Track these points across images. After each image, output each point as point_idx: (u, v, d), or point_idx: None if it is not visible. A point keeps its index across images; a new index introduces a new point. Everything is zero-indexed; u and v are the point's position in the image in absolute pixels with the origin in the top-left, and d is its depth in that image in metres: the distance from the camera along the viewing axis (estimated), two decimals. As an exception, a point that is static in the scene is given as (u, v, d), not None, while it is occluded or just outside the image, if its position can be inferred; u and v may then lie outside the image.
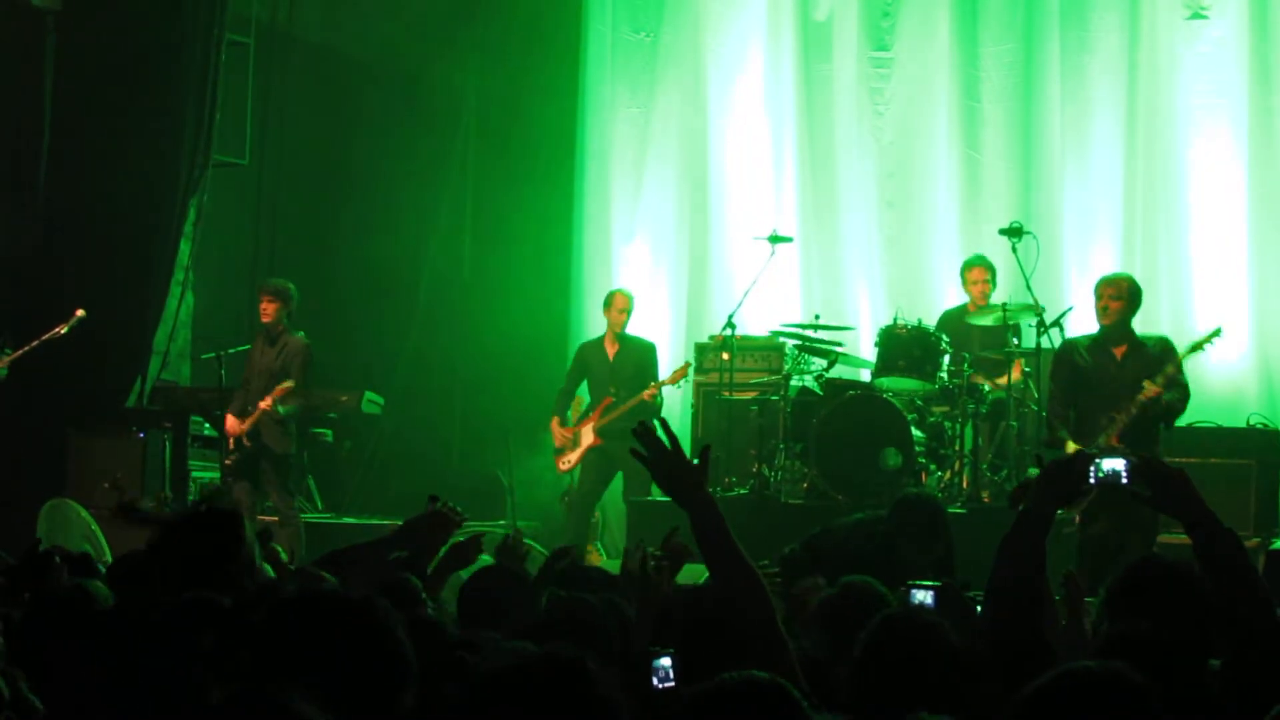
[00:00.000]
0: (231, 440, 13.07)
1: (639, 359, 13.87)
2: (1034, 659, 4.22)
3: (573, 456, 13.83)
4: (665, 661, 4.33)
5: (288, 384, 12.94)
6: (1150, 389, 10.38)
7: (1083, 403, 10.77)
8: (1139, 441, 10.15)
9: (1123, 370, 10.63)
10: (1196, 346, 11.02)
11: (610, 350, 13.90)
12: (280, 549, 7.18)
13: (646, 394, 13.41)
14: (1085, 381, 10.77)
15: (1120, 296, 10.74)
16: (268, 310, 13.11)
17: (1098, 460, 4.60)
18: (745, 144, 15.62)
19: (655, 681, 4.29)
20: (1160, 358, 10.67)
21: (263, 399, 12.93)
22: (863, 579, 5.45)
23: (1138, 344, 10.76)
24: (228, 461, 13.13)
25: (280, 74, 16.06)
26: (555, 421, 14.01)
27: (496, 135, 16.44)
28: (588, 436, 13.75)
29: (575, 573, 6.49)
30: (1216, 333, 11.07)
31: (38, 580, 6.02)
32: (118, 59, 14.42)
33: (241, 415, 13.04)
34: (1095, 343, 10.88)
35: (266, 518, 12.86)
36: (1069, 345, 11.26)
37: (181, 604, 4.42)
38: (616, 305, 13.92)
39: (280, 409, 12.88)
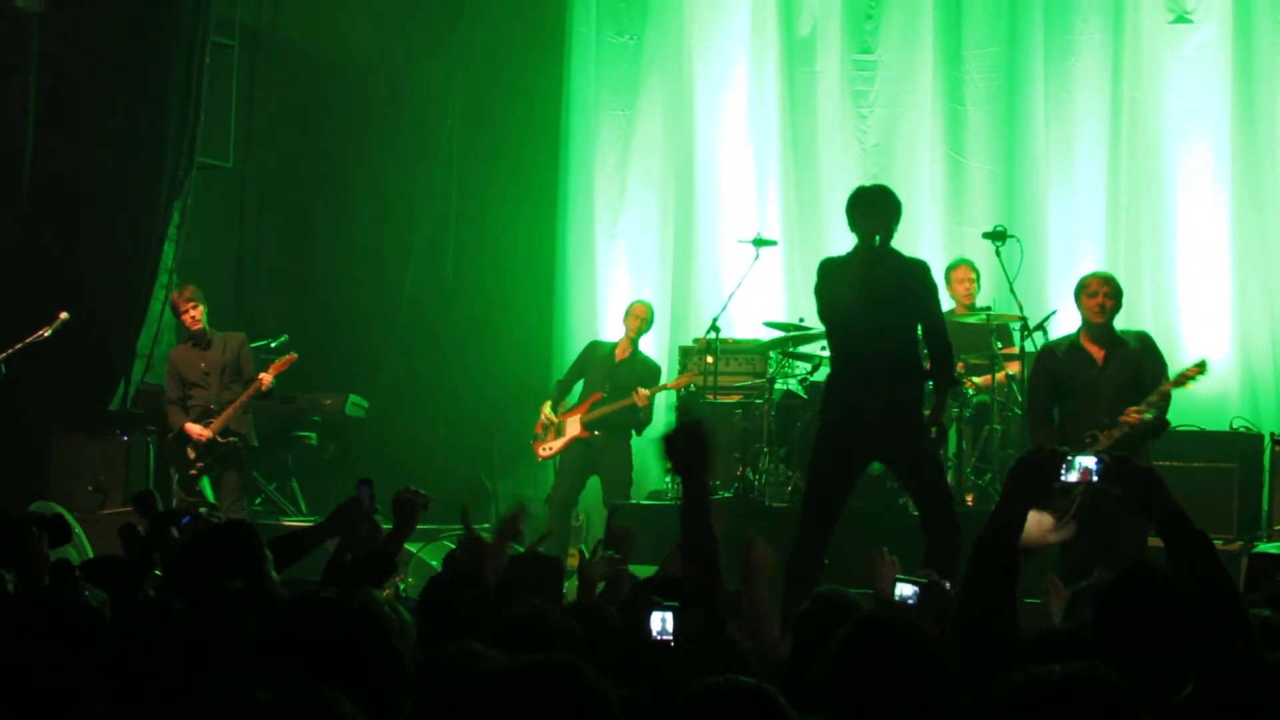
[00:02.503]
0: (192, 450, 13.01)
1: (642, 373, 13.83)
2: (1004, 660, 4.21)
3: (554, 445, 13.79)
4: (666, 615, 4.39)
5: (292, 355, 13.11)
6: (1132, 415, 10.18)
7: (1065, 409, 10.46)
8: (1127, 451, 10.06)
9: (1104, 375, 10.35)
10: (1180, 383, 10.68)
11: (620, 354, 13.89)
12: None
13: (637, 397, 13.41)
14: (1065, 387, 10.47)
15: (1114, 295, 10.42)
16: (197, 317, 13.15)
17: (1069, 458, 4.57)
18: (729, 146, 15.64)
19: (654, 633, 4.35)
20: (1139, 356, 10.48)
21: (224, 395, 13.03)
22: (833, 587, 5.47)
23: (1117, 342, 10.45)
24: (193, 472, 13.03)
25: (264, 77, 16.00)
26: (547, 404, 13.95)
27: (480, 137, 16.43)
28: (573, 427, 13.71)
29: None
30: (1202, 369, 10.72)
31: (17, 550, 5.98)
32: (101, 61, 14.39)
33: (204, 420, 13.04)
34: (1074, 345, 10.54)
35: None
36: (1048, 350, 10.99)
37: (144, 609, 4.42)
38: (632, 312, 13.96)
39: (274, 381, 12.96)
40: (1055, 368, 10.57)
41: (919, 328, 9.63)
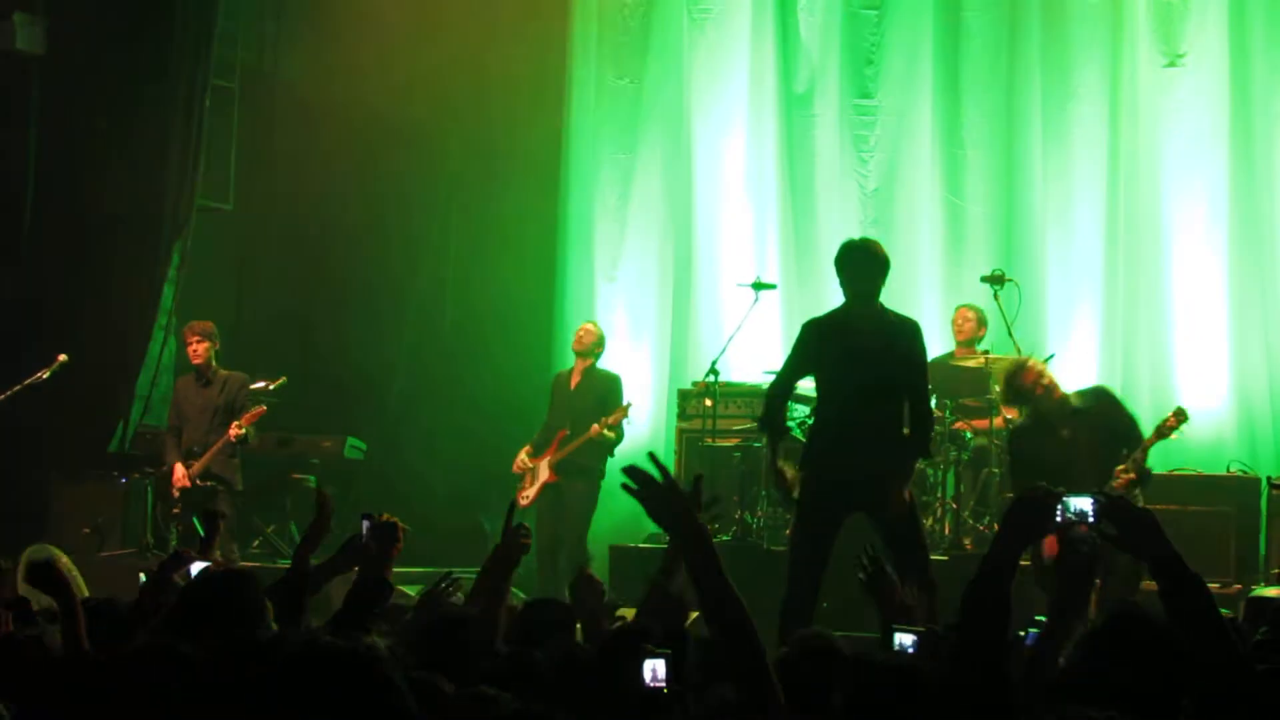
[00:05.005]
0: (176, 490, 13.01)
1: (601, 389, 13.79)
2: (999, 701, 4.19)
3: (530, 492, 13.73)
4: (659, 662, 4.35)
5: (262, 407, 13.01)
6: (1121, 478, 10.24)
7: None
8: None
9: (1073, 448, 10.47)
10: (1162, 435, 10.66)
11: (573, 380, 13.88)
12: None
13: (593, 431, 13.42)
14: (1042, 466, 10.44)
15: (1052, 383, 10.72)
16: (199, 351, 13.11)
17: (1065, 499, 4.52)
18: (729, 189, 15.65)
19: (646, 680, 4.31)
20: (1102, 419, 10.57)
21: (210, 437, 12.97)
22: (816, 631, 5.45)
23: (1078, 414, 10.61)
24: (175, 511, 13.00)
25: (265, 119, 16.05)
26: (524, 450, 13.93)
27: (480, 180, 16.44)
28: (544, 472, 13.68)
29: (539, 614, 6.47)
30: (1181, 417, 10.77)
31: None
32: (102, 104, 14.44)
33: (185, 460, 13.03)
34: (1038, 425, 10.73)
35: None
36: (1018, 437, 11.13)
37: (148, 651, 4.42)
38: (578, 335, 13.94)
39: (249, 433, 12.91)
40: (1031, 451, 10.70)
41: (904, 390, 9.60)
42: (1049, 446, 10.56)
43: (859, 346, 9.45)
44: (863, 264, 9.61)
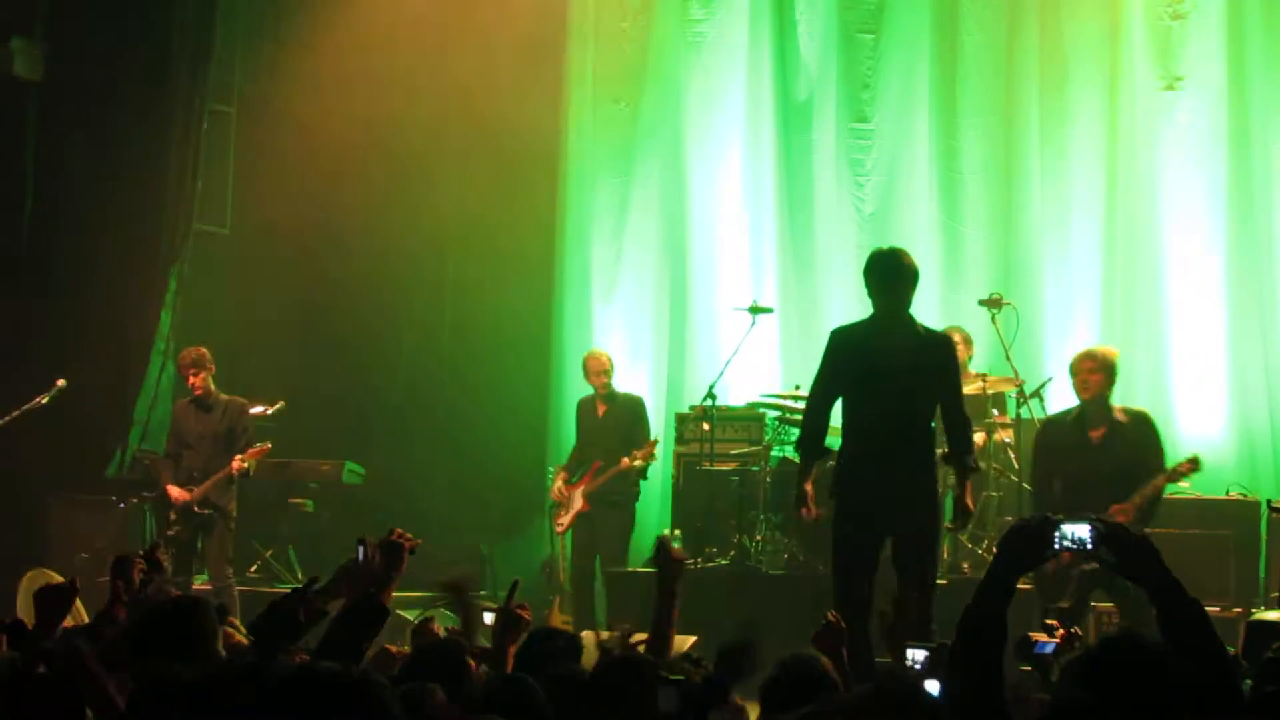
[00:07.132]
0: (173, 512, 12.98)
1: (626, 415, 13.94)
2: None
3: (565, 520, 13.84)
4: (672, 689, 4.43)
5: (266, 445, 12.98)
6: (1118, 516, 10.16)
7: (1065, 484, 10.63)
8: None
9: (1101, 455, 10.59)
10: (1173, 478, 10.90)
11: (600, 409, 13.95)
12: (238, 625, 7.16)
13: (624, 464, 13.49)
14: (1064, 465, 10.68)
15: (1098, 370, 10.68)
16: (196, 383, 13.05)
17: (1061, 526, 4.51)
18: (726, 213, 15.66)
19: (661, 705, 4.39)
20: (1138, 440, 10.65)
21: (211, 463, 12.93)
22: (807, 655, 5.43)
23: (1116, 425, 10.72)
24: (170, 533, 12.95)
25: (262, 144, 16.04)
26: (560, 476, 14.02)
27: (477, 204, 16.43)
28: (578, 501, 13.78)
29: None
30: (1196, 465, 10.91)
31: None
32: (99, 127, 14.44)
33: (184, 485, 12.99)
34: (1074, 422, 10.86)
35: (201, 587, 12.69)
36: (1049, 426, 11.27)
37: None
38: (591, 369, 13.99)
39: (250, 467, 12.89)
40: (1056, 444, 10.80)
41: (935, 406, 9.37)
42: (1074, 444, 10.62)
43: (888, 362, 9.14)
44: (891, 274, 9.28)
